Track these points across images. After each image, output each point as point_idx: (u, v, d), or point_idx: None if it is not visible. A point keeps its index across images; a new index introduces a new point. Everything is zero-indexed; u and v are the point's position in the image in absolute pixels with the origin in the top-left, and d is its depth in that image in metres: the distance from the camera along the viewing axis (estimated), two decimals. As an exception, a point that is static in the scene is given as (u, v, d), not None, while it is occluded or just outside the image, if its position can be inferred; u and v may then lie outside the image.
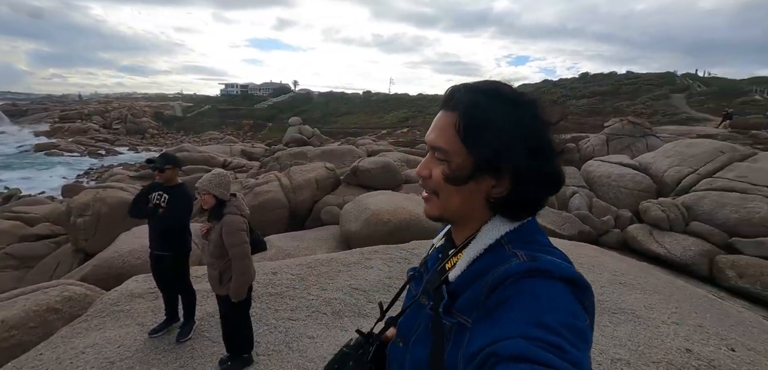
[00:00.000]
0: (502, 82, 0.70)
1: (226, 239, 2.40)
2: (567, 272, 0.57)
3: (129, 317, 3.24)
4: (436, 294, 0.69)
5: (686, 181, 9.26)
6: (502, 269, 0.59)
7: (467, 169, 0.66)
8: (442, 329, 0.65)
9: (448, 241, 0.80)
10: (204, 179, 2.49)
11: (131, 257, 4.98)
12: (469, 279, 0.65)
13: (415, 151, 17.89)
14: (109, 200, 9.07)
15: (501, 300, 0.55)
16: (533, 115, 0.65)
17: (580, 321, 0.52)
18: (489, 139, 0.64)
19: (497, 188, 0.65)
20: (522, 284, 0.55)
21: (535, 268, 0.56)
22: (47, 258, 9.41)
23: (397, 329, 0.84)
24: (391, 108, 61.02)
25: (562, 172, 0.67)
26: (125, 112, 56.83)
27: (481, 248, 0.66)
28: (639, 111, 32.10)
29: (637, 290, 3.64)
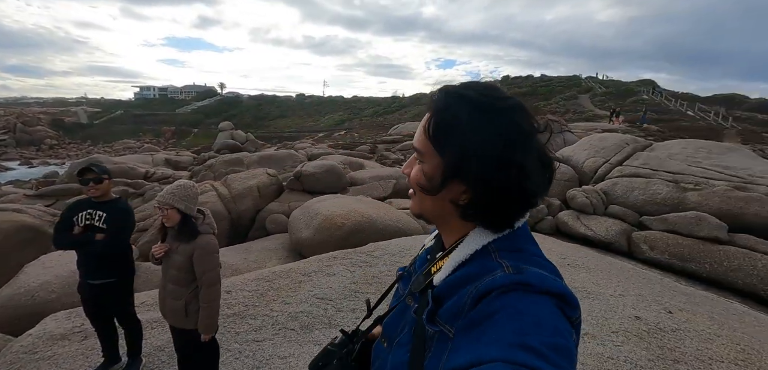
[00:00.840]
0: (487, 84, 0.67)
1: (199, 264, 2.05)
2: (554, 286, 0.55)
3: (54, 366, 2.69)
4: (421, 298, 0.68)
5: (601, 170, 10.44)
6: (486, 280, 0.57)
7: (439, 174, 0.64)
8: (424, 335, 0.63)
9: (438, 243, 0.79)
10: (166, 192, 2.11)
11: (43, 291, 4.19)
12: (453, 285, 0.63)
13: (356, 153, 17.84)
14: (2, 225, 7.62)
15: (484, 315, 0.54)
16: (510, 122, 0.61)
17: (564, 339, 0.50)
18: (455, 144, 0.62)
19: (466, 195, 0.63)
20: (506, 298, 0.53)
21: (520, 281, 0.54)
22: None
23: (383, 329, 0.82)
24: (327, 111, 60.34)
25: (538, 186, 0.62)
26: (13, 120, 48.51)
27: (468, 253, 0.65)
28: (554, 110, 35.68)
29: (583, 270, 3.97)
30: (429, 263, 0.74)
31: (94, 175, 2.45)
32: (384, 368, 0.75)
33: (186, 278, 2.10)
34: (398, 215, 6.76)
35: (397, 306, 0.80)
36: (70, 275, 4.51)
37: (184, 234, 2.11)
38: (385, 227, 6.06)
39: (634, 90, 44.67)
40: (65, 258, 4.58)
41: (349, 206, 6.44)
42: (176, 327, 2.17)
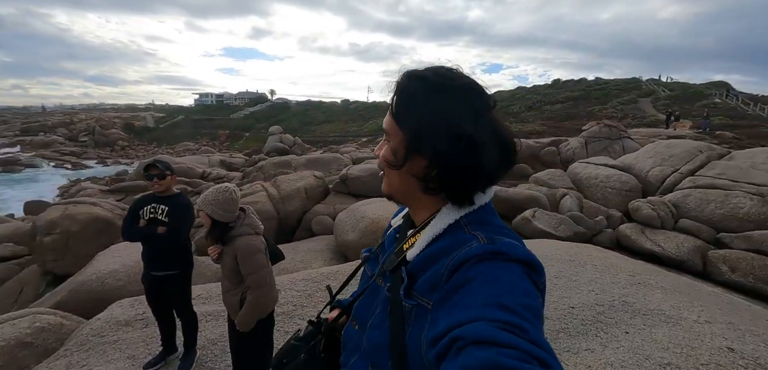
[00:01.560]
0: (445, 67, 0.71)
1: (243, 267, 2.07)
2: (523, 254, 0.59)
3: (117, 350, 2.85)
4: (393, 275, 0.70)
5: (670, 181, 9.50)
6: (463, 251, 0.60)
7: (402, 148, 0.68)
8: (402, 311, 0.65)
9: (407, 221, 0.80)
10: (202, 197, 2.12)
11: (112, 279, 4.52)
12: (428, 259, 0.66)
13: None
14: (79, 216, 8.42)
15: (462, 282, 0.56)
16: (461, 99, 0.66)
17: (534, 301, 0.54)
18: (412, 120, 0.66)
19: (426, 171, 0.66)
20: (481, 265, 0.56)
21: (494, 250, 0.58)
22: (10, 282, 8.62)
23: (353, 312, 0.82)
24: (370, 116, 60.97)
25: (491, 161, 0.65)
26: (93, 123, 54.15)
27: (441, 228, 0.67)
28: (610, 114, 33.33)
29: (658, 291, 3.55)
30: (399, 241, 0.76)
31: (158, 171, 2.56)
32: (358, 351, 0.75)
33: (237, 277, 2.12)
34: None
35: (367, 288, 0.80)
36: (136, 264, 4.83)
37: (222, 237, 2.11)
38: (431, 233, 5.90)
39: (705, 93, 40.56)
40: (132, 248, 4.91)
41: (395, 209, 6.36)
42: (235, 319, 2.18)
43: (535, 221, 7.56)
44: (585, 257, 4.37)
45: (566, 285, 3.58)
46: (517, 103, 44.78)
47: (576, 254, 4.42)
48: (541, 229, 7.36)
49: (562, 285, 3.58)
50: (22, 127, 54.24)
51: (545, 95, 48.51)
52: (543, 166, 14.58)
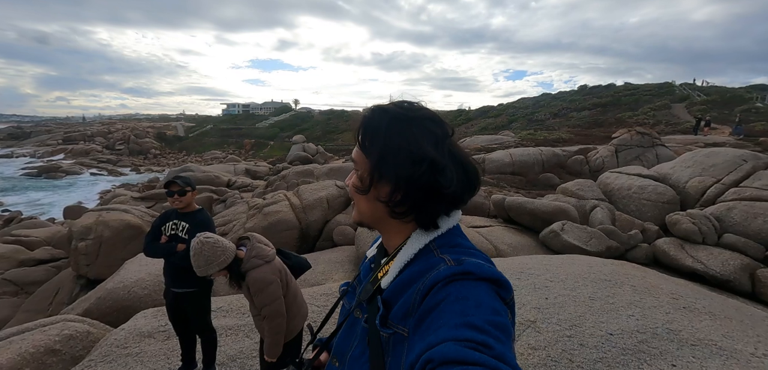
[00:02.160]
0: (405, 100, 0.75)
1: (257, 300, 2.01)
2: (489, 272, 0.61)
3: (139, 363, 2.85)
4: (370, 306, 0.71)
5: (711, 192, 8.91)
6: (432, 274, 0.62)
7: (368, 175, 0.71)
8: (380, 341, 0.66)
9: (381, 251, 0.82)
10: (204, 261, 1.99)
11: (137, 287, 4.60)
12: (401, 286, 0.67)
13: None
14: (111, 223, 8.73)
15: (433, 305, 0.58)
16: (420, 127, 0.70)
17: (503, 318, 0.56)
18: (375, 148, 0.70)
19: (391, 195, 0.69)
20: (450, 287, 0.58)
21: (461, 271, 0.60)
22: (47, 284, 9.04)
23: (332, 349, 0.83)
24: (393, 124, 61.14)
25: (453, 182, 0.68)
26: (128, 133, 56.83)
27: (411, 253, 0.69)
28: (642, 121, 31.91)
29: (706, 316, 3.25)
30: (374, 271, 0.77)
31: (178, 188, 2.56)
32: None
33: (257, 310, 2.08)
34: (468, 233, 6.36)
35: (345, 322, 0.81)
36: (161, 274, 4.92)
37: (238, 278, 2.06)
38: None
39: (745, 97, 38.19)
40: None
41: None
42: None
43: (564, 234, 7.23)
44: (622, 276, 4.09)
45: (602, 308, 3.33)
46: (541, 110, 43.62)
47: (612, 273, 4.14)
48: (570, 243, 7.02)
49: (598, 309, 3.33)
50: (64, 137, 57.57)
51: (571, 102, 47.05)
52: (570, 176, 14.05)
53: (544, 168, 15.34)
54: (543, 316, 3.21)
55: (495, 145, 22.44)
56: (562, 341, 2.84)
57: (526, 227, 8.22)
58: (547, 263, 4.69)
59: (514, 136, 26.89)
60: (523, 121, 39.92)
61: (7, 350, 3.20)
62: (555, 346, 2.78)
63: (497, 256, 6.17)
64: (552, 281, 3.98)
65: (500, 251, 6.54)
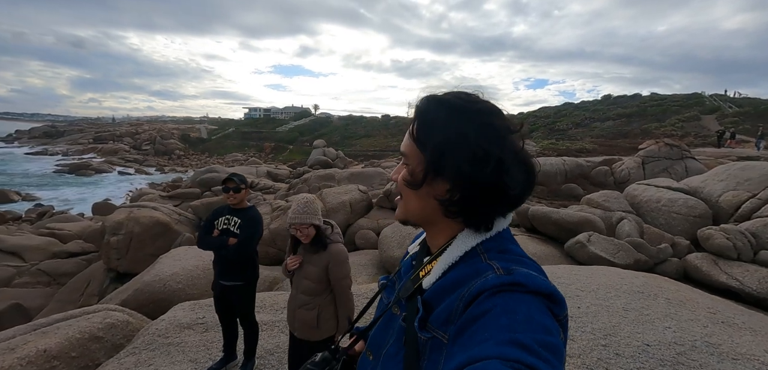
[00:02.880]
0: (463, 91, 0.70)
1: (335, 272, 2.15)
2: (543, 285, 0.56)
3: (180, 352, 2.97)
4: (409, 305, 0.68)
5: (746, 207, 8.58)
6: (478, 282, 0.58)
7: (422, 169, 0.67)
8: (417, 343, 0.63)
9: (424, 248, 0.78)
10: (299, 212, 2.16)
11: (173, 281, 4.77)
12: (444, 289, 0.64)
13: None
14: (142, 219, 9.05)
15: (477, 315, 0.54)
16: (483, 122, 0.65)
17: (554, 338, 0.51)
18: (433, 142, 0.65)
19: (449, 194, 0.65)
20: (498, 298, 0.54)
21: (511, 281, 0.56)
22: (78, 276, 9.42)
23: (368, 342, 0.81)
24: (411, 130, 61.13)
25: (516, 183, 0.64)
26: (154, 134, 58.84)
27: (457, 255, 0.66)
28: (670, 133, 30.93)
29: (745, 331, 3.16)
30: (416, 269, 0.73)
31: (234, 185, 2.70)
32: None
33: (319, 288, 2.17)
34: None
35: (382, 316, 0.78)
36: (194, 269, 5.08)
37: (319, 246, 2.18)
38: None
39: (782, 110, 36.57)
40: (191, 253, 5.17)
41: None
42: (303, 339, 2.19)
43: (590, 245, 7.09)
44: (655, 288, 4.00)
45: (637, 319, 3.27)
46: (563, 119, 42.80)
47: (645, 285, 4.05)
48: (597, 255, 6.88)
49: (633, 319, 3.27)
50: (94, 136, 60.00)
51: (594, 112, 46.04)
52: (594, 187, 13.75)
53: (566, 178, 15.08)
54: (576, 324, 3.18)
55: (516, 154, 22.23)
56: (597, 349, 2.81)
57: (550, 237, 8.10)
58: (576, 273, 4.62)
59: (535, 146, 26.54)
60: (545, 130, 39.28)
61: (55, 335, 3.37)
62: (590, 355, 2.75)
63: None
64: (582, 290, 3.92)
65: (524, 260, 6.49)
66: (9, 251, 10.30)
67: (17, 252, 10.34)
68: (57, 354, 3.18)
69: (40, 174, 35.48)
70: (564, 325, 0.58)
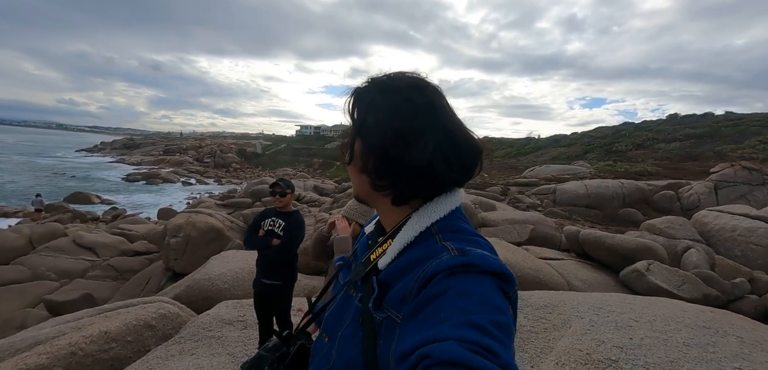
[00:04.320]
0: (400, 71, 0.72)
1: None
2: (495, 265, 0.58)
3: (220, 345, 3.14)
4: (364, 285, 0.68)
5: None
6: (433, 263, 0.59)
7: (348, 146, 0.70)
8: (373, 323, 0.63)
9: (379, 228, 0.79)
10: (352, 206, 2.28)
11: (220, 281, 5.07)
12: (400, 270, 0.64)
13: (487, 194, 17.07)
14: (198, 224, 9.72)
15: (432, 296, 0.55)
16: (401, 97, 0.67)
17: (506, 316, 0.54)
18: (359, 117, 0.69)
19: (375, 172, 0.67)
20: (453, 279, 0.55)
21: (465, 262, 0.57)
22: (141, 273, 10.27)
23: (323, 324, 0.80)
24: (456, 149, 60.41)
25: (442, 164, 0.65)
26: (215, 148, 63.54)
27: (411, 235, 0.66)
28: (749, 156, 27.66)
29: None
30: (371, 248, 0.73)
31: (280, 189, 2.88)
32: (326, 364, 0.72)
33: None
34: (538, 264, 6.01)
35: (337, 298, 0.78)
36: (240, 271, 5.36)
37: None
38: (523, 276, 5.44)
39: None
40: (238, 256, 5.47)
41: (483, 245, 6.05)
42: None
43: (650, 275, 6.48)
44: (725, 325, 3.54)
45: (700, 357, 2.91)
46: (622, 140, 39.87)
47: (712, 321, 3.61)
48: (657, 285, 6.26)
49: (694, 357, 2.92)
50: (164, 149, 66.00)
51: (658, 132, 42.42)
52: (656, 213, 12.62)
53: (624, 202, 14.00)
54: (627, 356, 2.90)
55: (567, 175, 21.06)
56: (649, 385, 2.54)
57: (603, 264, 7.53)
58: (631, 303, 4.24)
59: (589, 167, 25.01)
60: (601, 151, 36.86)
61: (116, 320, 3.71)
62: (641, 389, 2.49)
63: (570, 290, 5.73)
64: (637, 321, 3.58)
65: (573, 286, 6.07)
66: (86, 247, 11.53)
67: (92, 248, 11.54)
68: (115, 336, 3.49)
69: (116, 181, 39.58)
70: (514, 301, 0.60)
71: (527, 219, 9.73)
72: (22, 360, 3.09)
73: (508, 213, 11.09)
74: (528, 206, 15.00)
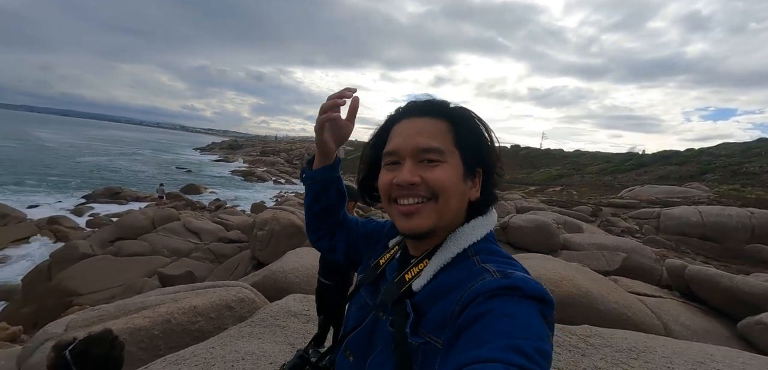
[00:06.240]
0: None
1: None
2: (537, 290, 0.57)
3: (283, 334, 3.37)
4: (397, 309, 0.65)
5: None
6: (475, 285, 0.58)
7: (462, 171, 0.69)
8: (408, 350, 0.61)
9: (405, 249, 0.77)
10: None
11: (292, 274, 5.46)
12: (436, 292, 0.63)
13: (574, 213, 15.57)
14: (282, 220, 10.57)
15: (475, 317, 0.54)
16: (486, 128, 0.74)
17: (547, 345, 0.53)
18: (475, 143, 0.71)
19: (474, 190, 0.71)
20: (495, 301, 0.55)
21: (508, 285, 0.56)
22: (232, 259, 11.53)
23: (347, 342, 0.76)
24: (542, 164, 56.39)
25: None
26: (303, 151, 68.96)
27: (449, 256, 0.65)
28: None
29: None
30: (401, 271, 0.70)
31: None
32: None
33: None
34: (627, 299, 5.29)
35: (367, 320, 0.73)
36: (311, 267, 5.70)
37: None
38: (607, 310, 4.83)
39: None
40: (312, 253, 5.82)
41: (561, 271, 5.51)
42: None
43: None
44: None
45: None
46: (756, 159, 33.04)
47: None
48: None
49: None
50: (261, 150, 73.63)
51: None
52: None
53: (753, 236, 11.58)
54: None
55: (677, 199, 18.22)
56: None
57: (716, 310, 6.31)
58: (747, 363, 3.48)
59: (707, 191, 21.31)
60: (724, 172, 31.03)
61: (204, 297, 4.22)
62: None
63: (665, 335, 4.92)
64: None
65: (671, 331, 5.19)
66: (193, 231, 13.34)
67: (197, 233, 13.31)
68: (201, 312, 3.97)
69: (221, 176, 45.21)
70: (552, 326, 0.59)
71: (620, 245, 8.65)
72: (131, 320, 3.70)
73: (597, 237, 9.98)
74: (622, 230, 13.30)
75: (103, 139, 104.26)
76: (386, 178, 0.70)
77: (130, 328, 3.53)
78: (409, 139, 0.69)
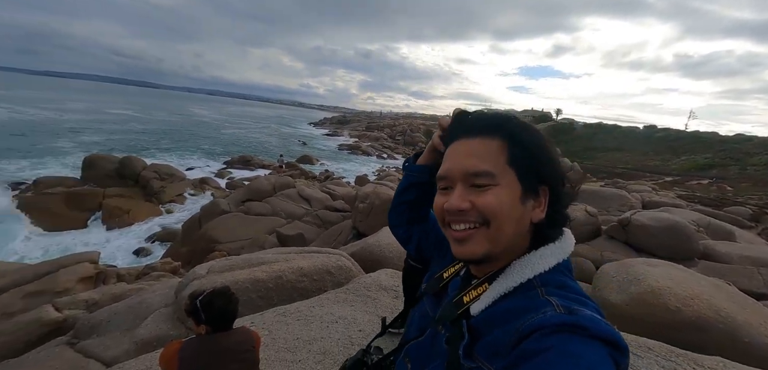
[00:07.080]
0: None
1: None
2: (607, 331, 0.51)
3: (373, 305, 3.61)
4: (453, 327, 0.65)
5: None
6: (535, 318, 0.54)
7: (519, 192, 0.64)
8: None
9: (467, 270, 0.74)
10: None
11: (387, 249, 5.73)
12: (494, 319, 0.61)
13: (725, 215, 12.69)
14: (382, 194, 11.07)
15: (533, 352, 0.51)
16: (551, 145, 0.69)
17: None
18: (536, 163, 0.65)
19: (538, 211, 0.66)
20: (557, 337, 0.51)
21: (573, 322, 0.52)
22: (335, 226, 12.58)
23: (406, 349, 0.77)
24: (685, 150, 46.91)
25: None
26: (406, 127, 70.28)
27: (511, 284, 0.62)
28: None
29: None
30: (461, 290, 0.69)
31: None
32: None
33: None
34: None
35: (427, 332, 0.74)
36: (404, 245, 5.92)
37: None
38: (755, 344, 3.87)
39: None
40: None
41: (694, 286, 4.60)
42: None
43: None
44: None
45: None
46: None
47: None
48: None
49: None
50: (366, 126, 77.37)
51: None
52: None
53: None
54: None
55: None
56: None
57: None
58: None
59: None
60: None
61: (309, 260, 4.75)
62: None
63: None
64: None
65: None
66: (305, 198, 14.92)
67: (309, 199, 14.84)
68: (306, 273, 4.49)
69: (330, 149, 49.15)
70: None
71: (789, 263, 6.80)
72: (253, 273, 4.39)
73: (755, 248, 8.02)
74: (798, 244, 10.35)
75: (240, 114, 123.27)
76: (439, 202, 0.69)
77: (252, 279, 4.20)
78: (458, 164, 0.67)
